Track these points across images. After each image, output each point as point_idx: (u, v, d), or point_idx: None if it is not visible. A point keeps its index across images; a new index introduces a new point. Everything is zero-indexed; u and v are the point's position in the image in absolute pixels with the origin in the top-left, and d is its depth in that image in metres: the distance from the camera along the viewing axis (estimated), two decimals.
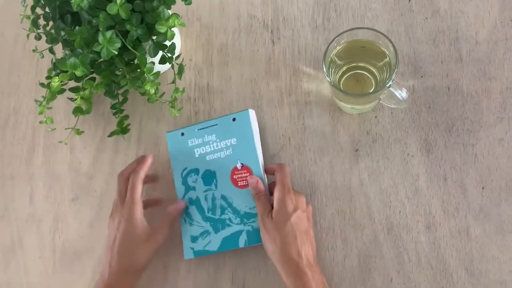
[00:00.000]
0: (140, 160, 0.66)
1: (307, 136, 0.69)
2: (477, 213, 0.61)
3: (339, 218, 0.65)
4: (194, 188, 0.68)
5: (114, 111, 0.71)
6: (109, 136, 0.71)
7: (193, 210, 0.67)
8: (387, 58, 0.60)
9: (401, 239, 0.63)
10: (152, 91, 0.64)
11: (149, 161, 0.66)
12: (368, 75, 0.65)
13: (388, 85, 0.57)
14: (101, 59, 0.64)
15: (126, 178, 0.64)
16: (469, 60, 0.66)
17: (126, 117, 0.72)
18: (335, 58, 0.61)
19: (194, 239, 0.66)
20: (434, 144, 0.65)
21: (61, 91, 0.66)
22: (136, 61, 0.64)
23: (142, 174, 0.64)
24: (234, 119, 0.67)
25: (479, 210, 0.62)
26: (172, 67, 0.68)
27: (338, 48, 0.61)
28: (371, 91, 0.63)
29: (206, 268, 0.67)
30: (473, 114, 0.65)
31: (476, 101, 0.65)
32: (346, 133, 0.67)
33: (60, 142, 0.73)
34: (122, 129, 0.71)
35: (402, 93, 0.58)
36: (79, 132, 0.70)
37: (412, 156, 0.65)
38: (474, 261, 0.60)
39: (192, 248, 0.66)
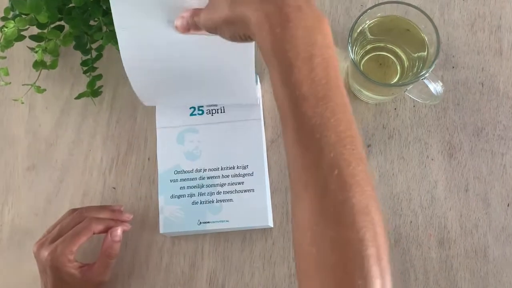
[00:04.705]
0: (111, 211, 0.56)
1: None
2: (498, 233, 0.54)
3: None
4: None
5: (85, 68, 0.59)
6: (76, 98, 0.59)
7: None
8: (425, 47, 0.49)
9: (409, 254, 0.55)
10: None
11: (125, 218, 0.56)
12: (394, 59, 0.55)
13: (423, 76, 0.48)
14: (72, 4, 0.51)
15: (81, 217, 0.54)
16: (511, 54, 0.57)
17: (99, 77, 0.60)
18: (367, 31, 0.51)
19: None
20: (458, 148, 0.56)
21: (20, 37, 0.53)
22: None
23: (100, 227, 0.53)
24: None
25: (501, 229, 0.54)
26: None
27: (368, 22, 0.50)
28: (399, 81, 0.53)
29: (181, 266, 0.58)
30: (507, 118, 0.56)
31: None
32: (359, 125, 0.58)
33: (15, 100, 0.60)
34: (93, 91, 0.59)
35: (437, 87, 0.49)
36: (40, 90, 0.58)
37: (432, 159, 0.56)
38: (488, 287, 0.53)
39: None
